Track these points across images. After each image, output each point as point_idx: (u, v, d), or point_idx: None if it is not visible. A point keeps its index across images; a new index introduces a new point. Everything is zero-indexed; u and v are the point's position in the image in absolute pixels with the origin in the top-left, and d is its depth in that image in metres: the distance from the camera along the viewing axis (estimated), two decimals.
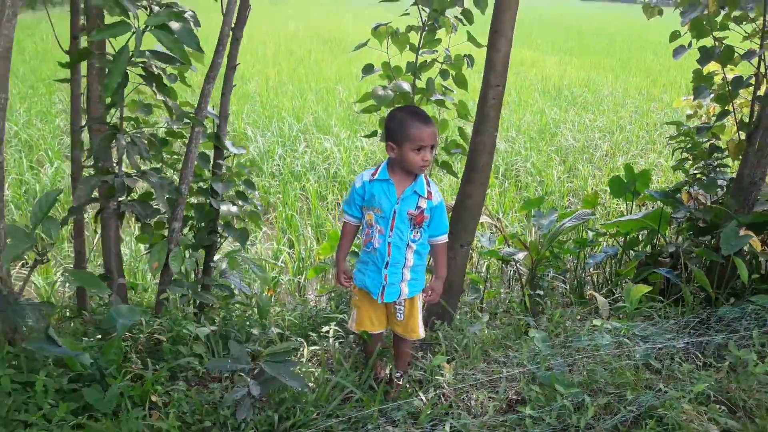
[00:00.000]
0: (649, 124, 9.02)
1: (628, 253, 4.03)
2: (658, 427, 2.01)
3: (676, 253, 3.46)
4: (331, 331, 2.82)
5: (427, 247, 2.37)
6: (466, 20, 2.95)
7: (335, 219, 5.50)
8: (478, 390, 2.26)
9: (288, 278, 4.47)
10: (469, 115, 3.04)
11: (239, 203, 2.95)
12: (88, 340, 2.17)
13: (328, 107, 9.34)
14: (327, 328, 2.86)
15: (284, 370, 2.12)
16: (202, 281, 2.98)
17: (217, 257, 3.08)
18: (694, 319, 2.63)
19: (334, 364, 2.57)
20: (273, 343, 2.63)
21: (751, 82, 3.45)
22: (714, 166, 3.68)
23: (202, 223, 2.93)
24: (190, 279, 2.96)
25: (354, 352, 2.73)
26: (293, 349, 2.64)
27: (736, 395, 2.26)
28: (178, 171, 2.79)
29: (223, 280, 3.06)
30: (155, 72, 2.23)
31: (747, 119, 3.45)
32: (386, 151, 2.27)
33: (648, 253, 3.79)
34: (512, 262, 3.97)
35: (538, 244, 3.68)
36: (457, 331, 2.82)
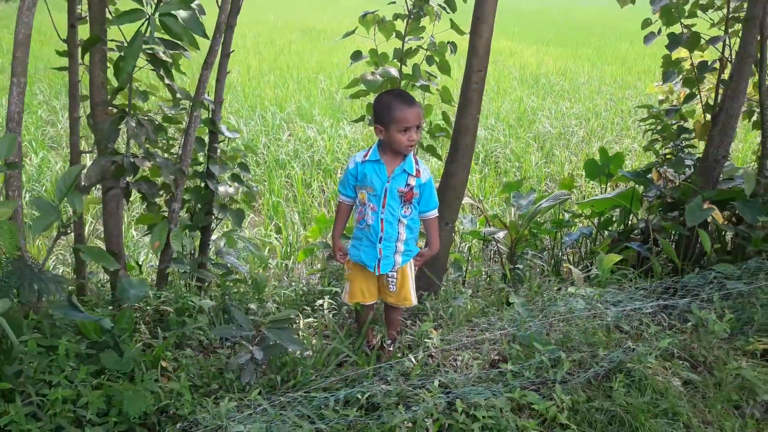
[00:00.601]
0: (624, 110, 9.28)
1: (602, 233, 4.25)
2: (626, 380, 2.21)
3: (647, 229, 3.68)
4: (325, 303, 2.99)
5: (418, 221, 2.54)
6: (450, 8, 3.12)
7: (320, 205, 5.65)
8: (464, 351, 2.45)
9: (276, 262, 4.62)
10: (452, 101, 3.21)
11: (235, 185, 3.10)
12: (100, 310, 2.32)
13: (311, 96, 9.44)
14: (321, 301, 3.03)
15: (285, 336, 2.29)
16: (200, 260, 3.13)
17: (213, 238, 3.23)
18: (661, 286, 2.85)
19: (330, 333, 2.74)
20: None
21: (716, 66, 3.68)
22: (682, 147, 3.91)
23: (199, 205, 3.08)
24: (187, 258, 3.10)
25: (347, 323, 2.90)
26: (290, 319, 2.80)
27: (698, 352, 2.48)
28: (173, 155, 2.92)
29: (219, 259, 3.22)
30: (162, 58, 2.36)
31: (712, 102, 3.68)
32: (375, 133, 2.43)
33: (621, 230, 4.01)
34: (493, 242, 4.18)
35: (518, 224, 3.88)
36: (443, 302, 3.01)
